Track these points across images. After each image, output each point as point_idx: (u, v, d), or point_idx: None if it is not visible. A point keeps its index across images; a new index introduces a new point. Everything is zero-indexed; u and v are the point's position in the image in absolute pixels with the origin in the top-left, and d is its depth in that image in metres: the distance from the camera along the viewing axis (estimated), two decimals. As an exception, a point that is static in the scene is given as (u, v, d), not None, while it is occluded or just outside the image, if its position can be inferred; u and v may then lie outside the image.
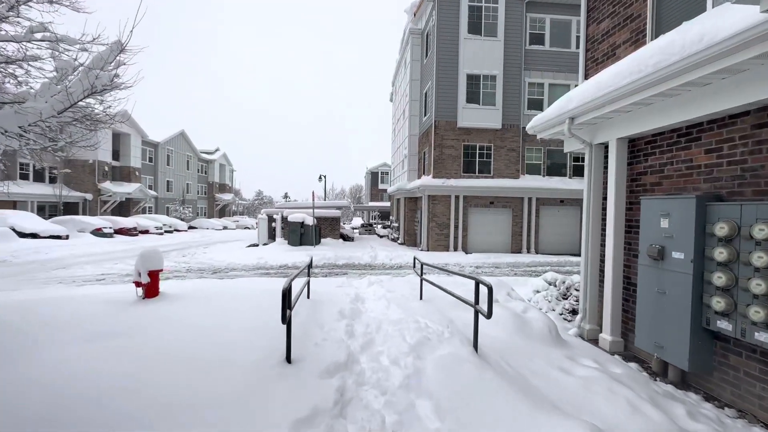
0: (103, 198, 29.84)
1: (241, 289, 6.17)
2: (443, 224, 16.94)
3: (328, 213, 20.66)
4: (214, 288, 6.41)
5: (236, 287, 6.52)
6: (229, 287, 6.56)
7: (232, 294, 5.65)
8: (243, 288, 6.38)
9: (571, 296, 5.91)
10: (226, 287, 6.52)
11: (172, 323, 4.36)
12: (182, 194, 43.24)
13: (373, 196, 56.71)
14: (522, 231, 17.29)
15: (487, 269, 12.33)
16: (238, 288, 6.38)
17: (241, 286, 6.71)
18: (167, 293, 5.70)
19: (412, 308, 5.49)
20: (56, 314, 4.37)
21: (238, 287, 6.54)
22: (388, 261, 13.78)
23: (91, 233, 20.36)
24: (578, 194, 17.20)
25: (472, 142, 17.07)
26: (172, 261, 13.30)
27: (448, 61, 16.71)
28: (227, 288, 6.37)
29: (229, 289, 6.15)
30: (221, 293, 5.70)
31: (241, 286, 6.86)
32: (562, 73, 17.46)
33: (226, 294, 5.73)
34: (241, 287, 6.56)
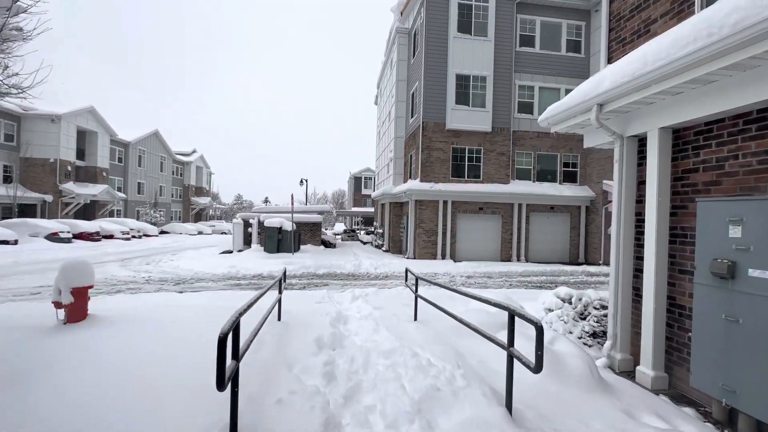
0: (65, 200, 27.65)
1: (196, 309, 5.04)
2: (431, 231, 16.08)
3: (309, 218, 19.49)
4: (163, 307, 5.26)
5: (191, 306, 5.38)
6: (182, 306, 5.41)
7: (182, 317, 4.53)
8: (198, 307, 5.25)
9: (591, 316, 5.06)
10: (179, 306, 5.36)
11: (88, 364, 3.23)
12: (155, 197, 41.01)
13: (356, 202, 55.68)
14: (512, 238, 16.61)
15: (478, 279, 11.48)
16: (193, 307, 5.24)
17: (198, 304, 5.57)
18: (98, 316, 4.53)
19: (406, 333, 4.50)
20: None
21: (193, 306, 5.40)
22: (372, 270, 12.76)
23: (46, 238, 18.51)
24: (569, 201, 16.70)
25: (461, 144, 16.34)
26: (131, 270, 11.88)
27: (436, 60, 15.99)
28: (179, 308, 5.22)
29: (181, 310, 5.01)
30: (168, 316, 4.56)
31: (198, 303, 5.72)
32: (552, 77, 17.02)
33: (176, 316, 4.60)
34: (198, 306, 5.42)
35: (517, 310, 2.61)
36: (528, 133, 16.96)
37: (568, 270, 13.54)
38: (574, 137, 17.13)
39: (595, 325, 4.95)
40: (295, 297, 7.22)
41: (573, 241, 17.14)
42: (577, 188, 17.02)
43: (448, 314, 4.20)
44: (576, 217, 17.11)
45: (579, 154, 17.30)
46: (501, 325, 4.42)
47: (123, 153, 36.48)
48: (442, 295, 6.74)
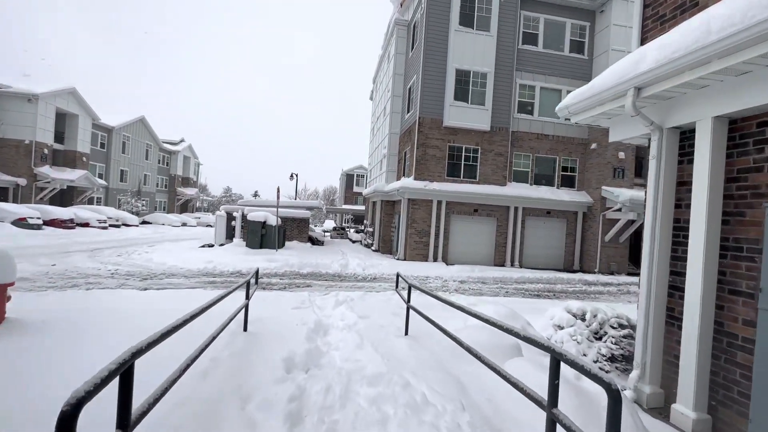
0: (40, 184, 26.26)
1: (143, 314, 4.23)
2: (423, 231, 15.39)
3: (297, 213, 18.64)
4: (106, 310, 4.43)
5: (140, 310, 4.56)
6: (129, 310, 4.59)
7: (118, 323, 3.72)
8: (149, 311, 4.44)
9: (608, 337, 4.40)
10: (125, 310, 4.54)
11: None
12: (139, 186, 39.56)
13: (347, 199, 54.83)
14: (506, 243, 16.03)
15: (472, 285, 10.82)
16: (141, 312, 4.42)
17: (151, 307, 4.75)
18: (17, 320, 3.68)
19: (396, 352, 3.78)
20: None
21: (142, 310, 4.58)
22: (360, 271, 12.01)
23: (12, 224, 17.29)
24: (566, 206, 16.18)
25: (459, 143, 15.68)
26: (98, 262, 10.92)
27: (436, 53, 15.29)
28: (123, 312, 4.41)
29: (122, 314, 4.20)
30: (101, 322, 3.75)
31: (151, 306, 4.89)
32: (554, 77, 16.48)
33: (109, 322, 3.79)
34: (149, 310, 4.61)
35: (570, 356, 1.87)
36: (527, 134, 16.39)
37: (564, 278, 12.99)
38: (573, 141, 16.64)
39: (613, 348, 4.29)
40: (272, 300, 6.43)
41: (568, 248, 16.63)
42: (575, 193, 16.52)
43: (446, 334, 3.48)
44: (572, 223, 16.61)
45: (578, 158, 16.80)
46: (511, 347, 3.73)
47: (106, 138, 35.03)
48: (437, 304, 6.03)
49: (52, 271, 9.00)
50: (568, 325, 4.64)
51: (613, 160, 15.74)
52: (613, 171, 15.77)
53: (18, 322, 3.65)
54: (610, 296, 10.26)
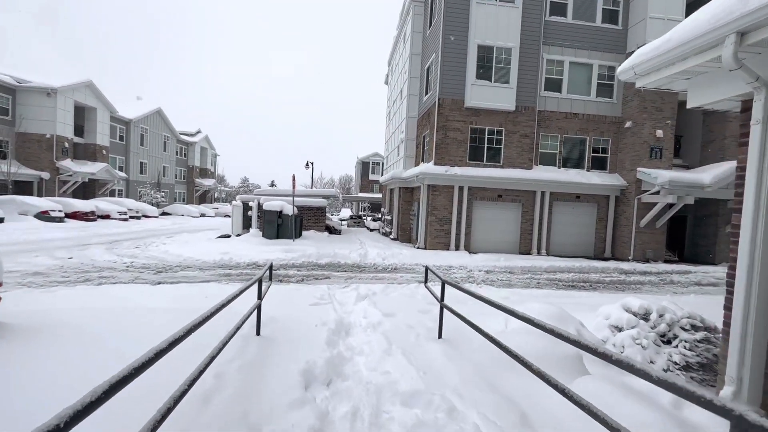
0: (62, 178, 26.73)
1: (152, 314, 3.81)
2: (444, 219, 14.72)
3: (313, 202, 18.24)
4: (111, 310, 4.03)
5: (149, 309, 4.14)
6: (136, 309, 4.18)
7: (123, 331, 3.29)
8: (158, 309, 4.01)
9: (679, 341, 3.73)
10: (132, 310, 4.13)
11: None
12: (158, 177, 40.05)
13: (363, 187, 54.31)
14: (533, 229, 15.19)
15: (500, 275, 10.16)
16: (150, 311, 4.00)
17: (160, 306, 4.34)
18: (9, 325, 3.29)
19: (432, 362, 3.24)
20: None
21: (152, 309, 4.17)
22: (380, 261, 11.50)
23: (36, 217, 17.54)
24: (597, 189, 15.17)
25: (481, 125, 14.80)
26: (114, 255, 10.77)
27: (456, 28, 14.33)
28: (130, 311, 3.99)
29: (130, 315, 3.78)
30: (101, 326, 3.33)
31: (161, 304, 4.49)
32: (585, 51, 15.28)
33: (120, 327, 3.37)
34: (157, 308, 4.19)
35: (679, 383, 1.24)
36: (555, 113, 15.34)
37: (598, 266, 12.14)
38: (605, 119, 15.49)
39: (688, 354, 3.62)
40: (289, 295, 5.98)
41: (599, 234, 15.67)
42: (606, 176, 15.46)
43: (492, 341, 2.89)
44: (604, 207, 15.59)
45: (610, 138, 15.65)
46: (569, 358, 3.12)
47: (124, 131, 35.38)
48: (465, 298, 5.43)
49: (67, 264, 8.83)
50: (628, 327, 3.98)
51: (650, 139, 14.57)
52: (649, 151, 14.62)
53: (5, 328, 3.26)
54: (651, 286, 9.44)
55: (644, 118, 14.55)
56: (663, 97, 14.51)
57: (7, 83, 24.73)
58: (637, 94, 14.62)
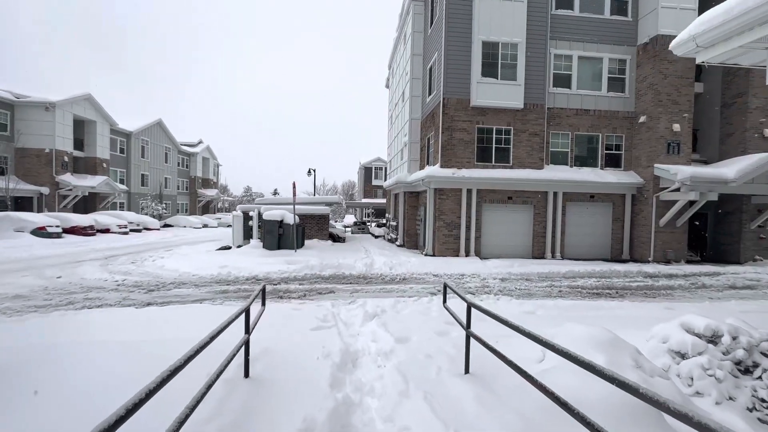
0: (62, 192, 26.39)
1: (124, 353, 3.18)
2: (452, 224, 14.05)
3: (316, 210, 17.66)
4: (78, 345, 3.41)
5: (117, 349, 3.51)
6: (106, 343, 3.55)
7: (76, 379, 2.67)
8: (131, 346, 3.39)
9: (762, 369, 3.04)
10: (105, 341, 3.51)
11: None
12: (159, 189, 39.76)
13: (366, 193, 53.84)
14: (545, 232, 14.47)
15: (517, 283, 9.46)
16: (120, 350, 3.37)
17: (136, 338, 3.71)
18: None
19: (460, 412, 2.58)
20: None
21: (124, 346, 3.54)
22: (387, 271, 10.85)
23: (32, 233, 17.08)
24: (612, 188, 14.45)
25: (488, 124, 14.17)
26: (107, 272, 10.20)
27: (459, 25, 13.77)
28: (105, 342, 3.37)
29: (103, 351, 3.16)
30: (65, 369, 2.71)
31: (136, 337, 3.85)
32: (594, 44, 14.65)
33: (76, 372, 2.75)
34: (131, 342, 3.56)
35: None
36: (564, 110, 14.68)
37: (620, 270, 11.39)
38: (617, 115, 14.81)
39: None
40: (288, 316, 5.33)
41: (616, 235, 14.91)
42: (621, 174, 14.73)
43: (538, 386, 2.22)
44: (620, 206, 14.85)
45: (624, 134, 14.95)
46: (646, 408, 2.43)
47: (125, 144, 35.14)
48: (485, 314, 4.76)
49: (53, 285, 8.26)
50: (694, 352, 3.29)
51: (666, 134, 13.86)
52: (666, 146, 13.90)
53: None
54: (683, 292, 8.69)
55: (659, 112, 13.85)
56: (679, 89, 13.83)
57: (5, 99, 24.52)
58: (652, 88, 13.94)
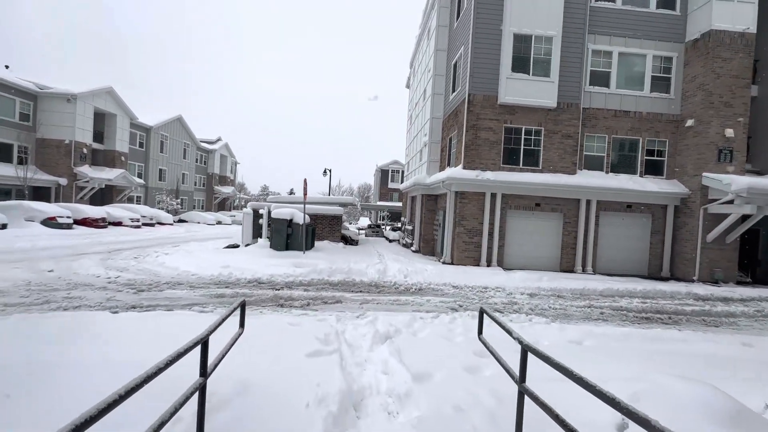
0: (80, 184, 26.47)
1: (58, 387, 2.33)
2: (474, 230, 12.97)
3: (329, 210, 16.85)
4: (10, 367, 2.58)
5: (58, 380, 2.66)
6: (44, 368, 2.72)
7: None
8: (69, 380, 2.54)
9: None
10: (46, 361, 2.67)
11: None
12: (177, 184, 39.90)
13: (382, 196, 53.06)
14: (576, 243, 13.22)
15: (549, 301, 8.34)
16: (59, 380, 2.53)
17: (92, 363, 2.86)
18: None
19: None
20: None
21: (65, 378, 2.69)
22: (401, 279, 9.87)
23: (42, 223, 16.85)
24: (652, 197, 13.10)
25: (517, 123, 13.07)
26: (104, 267, 9.58)
27: (489, 16, 12.76)
28: (44, 363, 2.54)
29: (31, 381, 2.31)
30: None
31: (96, 359, 3.00)
32: (636, 40, 13.38)
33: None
34: (80, 368, 2.72)
35: None
36: (601, 111, 13.44)
37: (665, 290, 10.07)
38: (661, 117, 13.48)
39: None
40: (283, 334, 4.42)
41: (654, 249, 13.51)
42: (663, 182, 13.37)
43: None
44: (660, 218, 13.47)
45: (667, 139, 13.59)
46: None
47: (144, 138, 35.34)
48: (510, 335, 3.72)
49: (40, 280, 7.63)
50: None
51: (717, 140, 12.46)
52: (717, 153, 12.49)
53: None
54: (749, 321, 7.41)
55: (710, 115, 12.46)
56: (733, 90, 12.43)
57: (29, 89, 24.75)
58: (702, 88, 12.58)
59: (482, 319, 3.14)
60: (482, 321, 3.15)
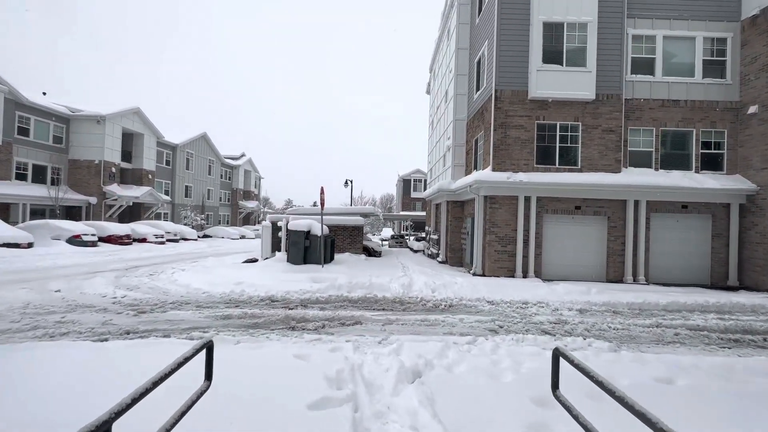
0: (108, 202, 27.08)
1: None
2: (506, 238, 11.80)
3: (349, 221, 16.08)
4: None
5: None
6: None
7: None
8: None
9: None
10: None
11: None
12: (202, 200, 40.57)
13: (404, 205, 52.23)
14: (624, 249, 11.77)
15: (604, 318, 7.09)
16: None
17: None
18: None
19: None
20: None
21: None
22: (429, 294, 8.85)
23: (68, 241, 16.98)
24: (712, 196, 11.52)
25: (551, 119, 11.91)
26: (113, 286, 9.11)
27: (514, 6, 11.80)
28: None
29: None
30: None
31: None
32: (683, 21, 12.02)
33: None
34: None
35: None
36: (647, 101, 12.08)
37: (743, 303, 8.49)
38: (716, 105, 11.97)
39: None
40: (285, 372, 3.54)
41: (717, 255, 11.84)
42: (724, 178, 11.77)
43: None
44: (722, 219, 11.83)
45: (726, 129, 12.02)
46: None
47: (171, 156, 36.17)
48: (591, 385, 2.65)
49: (41, 301, 7.16)
50: None
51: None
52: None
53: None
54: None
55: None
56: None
57: (62, 113, 25.72)
58: (766, 69, 11.04)
59: (558, 367, 2.14)
60: (558, 369, 2.14)
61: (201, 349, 1.93)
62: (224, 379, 2.91)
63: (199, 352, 1.93)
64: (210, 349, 2.13)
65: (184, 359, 1.68)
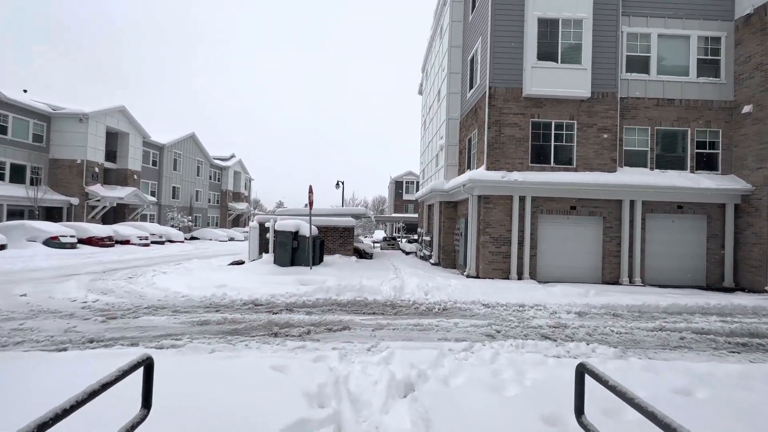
0: (91, 203, 26.20)
1: None
2: (501, 238, 11.49)
3: (340, 222, 15.64)
4: None
5: None
6: None
7: None
8: None
9: None
10: None
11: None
12: (190, 202, 39.69)
13: (396, 208, 51.95)
14: (620, 250, 11.55)
15: (604, 322, 6.78)
16: None
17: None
18: None
19: None
20: None
21: None
22: (422, 296, 8.46)
23: (44, 243, 16.21)
24: (708, 196, 11.37)
25: (546, 117, 11.67)
26: (86, 290, 8.55)
27: (508, 1, 11.55)
28: None
29: None
30: None
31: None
32: (677, 20, 11.91)
33: None
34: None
35: None
36: (642, 100, 11.92)
37: (746, 305, 8.24)
38: (711, 105, 11.86)
39: None
40: (259, 388, 3.11)
41: (713, 256, 11.68)
42: (719, 178, 11.64)
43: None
44: (718, 220, 11.68)
45: (720, 129, 11.90)
46: None
47: (158, 156, 35.31)
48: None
49: (1, 306, 6.59)
50: None
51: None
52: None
53: None
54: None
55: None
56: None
57: (43, 111, 24.83)
58: (760, 68, 10.95)
59: (583, 387, 1.75)
60: (583, 390, 1.76)
61: (130, 371, 1.49)
62: (182, 395, 2.47)
63: (128, 375, 1.49)
64: (149, 369, 1.69)
65: (100, 386, 1.25)
